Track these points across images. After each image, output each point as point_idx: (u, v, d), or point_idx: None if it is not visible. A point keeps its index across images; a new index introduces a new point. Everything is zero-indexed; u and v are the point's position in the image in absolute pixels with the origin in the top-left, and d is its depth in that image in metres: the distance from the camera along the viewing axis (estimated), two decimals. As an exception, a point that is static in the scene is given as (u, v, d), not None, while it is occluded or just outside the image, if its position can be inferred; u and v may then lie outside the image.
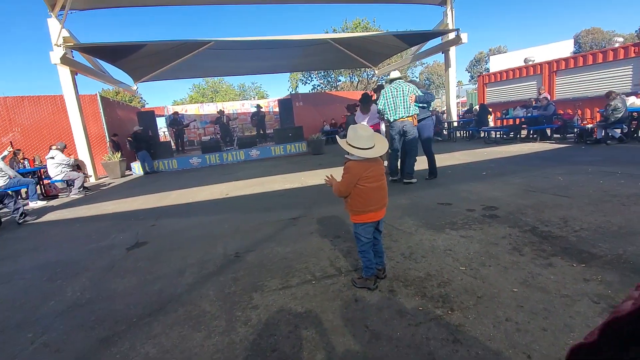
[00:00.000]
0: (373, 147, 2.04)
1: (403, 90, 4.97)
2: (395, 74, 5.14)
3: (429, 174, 5.40)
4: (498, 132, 10.28)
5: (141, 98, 34.67)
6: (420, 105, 5.12)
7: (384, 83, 5.28)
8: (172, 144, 14.06)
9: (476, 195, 4.07)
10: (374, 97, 6.24)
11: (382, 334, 1.78)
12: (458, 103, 19.41)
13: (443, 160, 7.16)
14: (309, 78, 28.93)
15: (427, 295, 2.07)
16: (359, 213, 2.11)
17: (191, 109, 18.02)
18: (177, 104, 32.68)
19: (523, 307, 1.89)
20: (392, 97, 5.05)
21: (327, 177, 2.24)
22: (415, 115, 5.02)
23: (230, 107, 18.49)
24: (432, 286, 2.16)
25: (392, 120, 5.05)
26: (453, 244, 2.72)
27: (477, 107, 12.14)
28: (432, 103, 5.24)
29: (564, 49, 15.95)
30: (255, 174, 8.00)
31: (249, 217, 4.15)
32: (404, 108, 4.98)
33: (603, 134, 7.42)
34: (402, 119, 5.02)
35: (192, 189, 6.72)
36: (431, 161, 5.38)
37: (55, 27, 8.65)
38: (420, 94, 5.01)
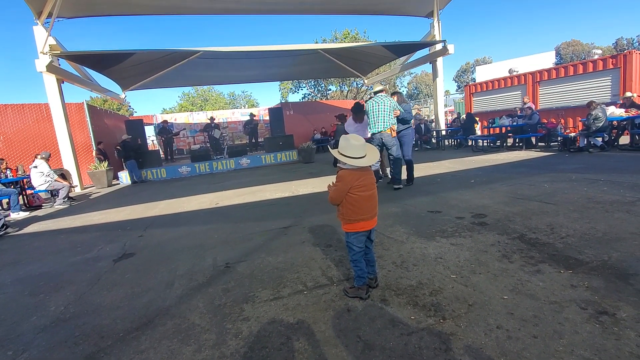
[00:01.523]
0: (364, 156, 2.06)
1: (385, 104, 5.19)
2: (377, 87, 5.33)
3: (407, 180, 5.64)
4: (485, 141, 10.50)
5: (129, 106, 34.29)
6: (401, 118, 5.44)
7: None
8: (161, 152, 13.89)
9: (465, 203, 4.13)
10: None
11: (375, 344, 1.77)
12: (446, 112, 19.79)
13: (432, 168, 7.25)
14: (299, 87, 29.18)
15: (419, 304, 2.07)
16: (351, 222, 2.12)
17: (180, 118, 17.90)
18: (167, 113, 32.41)
19: (513, 315, 1.91)
20: (372, 111, 5.26)
21: (328, 185, 2.25)
22: (394, 127, 5.25)
23: (221, 115, 18.45)
24: (424, 295, 2.16)
25: (370, 133, 5.28)
26: (444, 252, 2.75)
27: (464, 116, 12.40)
28: (412, 114, 5.61)
29: (546, 59, 16.54)
30: (246, 183, 7.95)
31: (239, 227, 4.11)
32: (383, 121, 5.20)
33: (585, 142, 7.66)
34: (380, 132, 5.25)
35: (181, 198, 6.64)
36: (410, 169, 5.64)
37: (41, 35, 8.53)
38: (402, 110, 5.31)
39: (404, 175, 5.70)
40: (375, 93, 5.34)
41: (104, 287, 2.77)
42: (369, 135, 5.46)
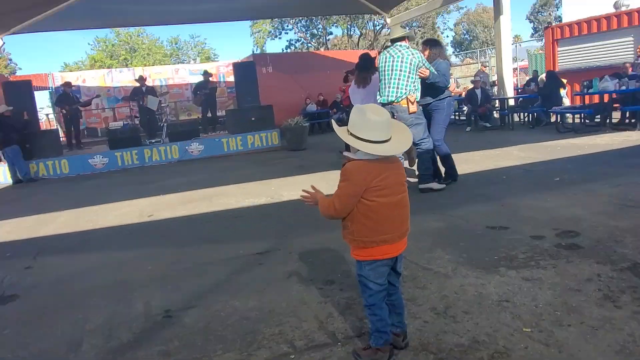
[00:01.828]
0: (389, 139, 2.05)
1: (402, 60, 5.13)
2: (397, 33, 5.35)
3: (444, 175, 5.77)
4: (577, 115, 10.58)
5: (10, 60, 34.14)
6: (440, 85, 5.42)
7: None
8: (61, 133, 13.82)
9: (545, 214, 4.14)
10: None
11: None
12: (516, 70, 19.91)
13: (493, 159, 7.29)
14: (283, 29, 29.19)
15: (473, 375, 2.08)
16: (366, 245, 2.11)
17: (93, 78, 17.88)
18: (70, 70, 32.36)
19: (622, 390, 1.91)
20: (382, 70, 5.29)
21: (306, 191, 2.25)
22: (412, 98, 5.19)
23: (157, 74, 18.46)
24: (481, 359, 2.17)
25: (379, 102, 5.33)
26: (512, 292, 2.76)
27: (543, 76, 12.47)
28: (449, 78, 5.66)
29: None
30: (197, 182, 7.93)
31: (187, 253, 4.10)
32: (396, 87, 5.16)
33: None
34: (391, 104, 5.23)
35: (93, 207, 6.64)
36: (444, 157, 5.74)
37: None
38: (433, 71, 5.26)
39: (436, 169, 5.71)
40: (393, 42, 5.35)
41: (-32, 350, 2.75)
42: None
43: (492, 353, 2.22)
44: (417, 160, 5.51)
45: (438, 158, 5.75)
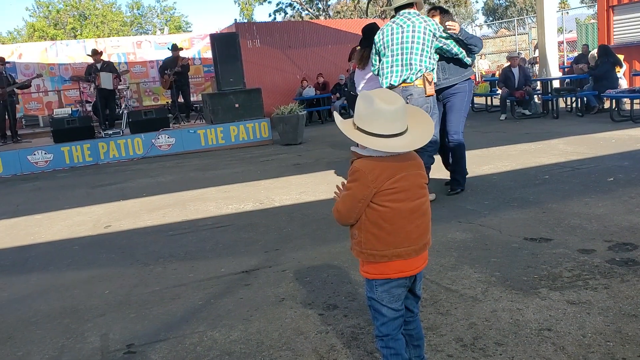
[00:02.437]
0: (405, 131, 2.06)
1: (413, 29, 5.06)
2: None
3: (451, 182, 5.70)
4: (636, 101, 10.60)
5: None
6: (458, 49, 5.29)
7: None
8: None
9: (596, 223, 4.17)
10: None
11: None
12: (561, 44, 19.93)
13: (532, 154, 7.32)
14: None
15: (507, 420, 2.11)
16: (377, 259, 2.12)
17: (32, 53, 17.79)
18: (3, 42, 32.24)
19: None
20: (389, 44, 5.16)
21: (339, 187, 2.22)
22: (430, 77, 5.14)
23: (113, 47, 18.40)
24: (517, 401, 2.20)
25: (385, 86, 5.21)
26: (555, 319, 2.79)
27: (595, 51, 12.49)
28: (478, 46, 5.48)
29: None
30: (168, 184, 7.96)
31: (153, 272, 4.11)
32: (408, 63, 5.09)
33: None
34: (404, 85, 5.13)
35: (35, 216, 6.65)
36: (459, 157, 5.63)
37: None
38: (443, 35, 5.16)
39: (441, 172, 5.73)
40: (397, 10, 5.24)
41: None
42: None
43: (531, 393, 2.25)
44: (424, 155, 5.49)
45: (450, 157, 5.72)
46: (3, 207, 7.47)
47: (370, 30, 5.90)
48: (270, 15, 28.61)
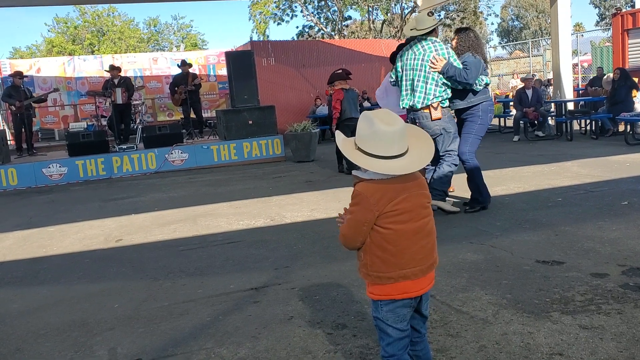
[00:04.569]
0: (406, 152, 2.07)
1: (422, 57, 5.21)
2: (424, 22, 5.29)
3: (470, 200, 5.78)
4: (653, 124, 10.55)
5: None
6: (451, 82, 5.32)
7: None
8: (9, 136, 13.93)
9: (610, 247, 4.14)
10: None
11: None
12: (576, 66, 19.92)
13: (545, 176, 7.29)
14: (290, 12, 29.42)
15: None
16: (383, 281, 2.12)
17: (50, 67, 18.03)
18: (22, 57, 32.74)
19: None
20: (405, 69, 5.38)
21: (341, 215, 2.22)
22: (438, 104, 5.27)
23: (130, 63, 18.61)
24: None
25: (400, 108, 5.48)
26: (567, 343, 2.76)
27: (612, 74, 12.46)
28: (479, 84, 5.45)
29: None
30: (180, 199, 8.00)
31: (163, 288, 4.13)
32: (420, 90, 5.24)
33: None
34: (414, 110, 5.38)
35: (48, 228, 6.70)
36: (471, 176, 5.68)
37: None
38: (454, 62, 5.21)
39: (461, 192, 5.82)
40: (412, 38, 5.40)
41: None
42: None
43: (541, 419, 2.22)
44: (434, 171, 5.59)
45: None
46: (17, 218, 7.54)
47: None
48: (293, 39, 28.82)
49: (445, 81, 5.28)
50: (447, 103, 5.42)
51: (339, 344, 2.96)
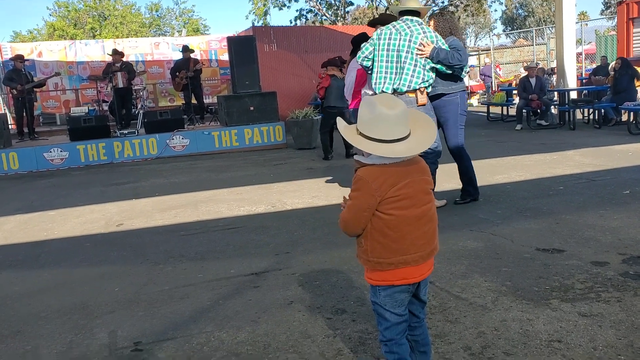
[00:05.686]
0: (408, 135, 2.06)
1: (410, 39, 4.96)
2: (408, 2, 5.11)
3: (461, 192, 5.64)
4: (656, 113, 10.50)
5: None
6: (441, 68, 5.13)
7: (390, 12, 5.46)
8: (11, 120, 13.91)
9: (611, 235, 4.14)
10: None
11: None
12: (580, 55, 19.80)
13: (547, 165, 7.27)
14: (290, -3, 29.22)
15: None
16: (383, 267, 2.12)
17: (51, 51, 17.98)
18: (23, 41, 32.62)
19: None
20: (393, 50, 5.03)
21: (345, 199, 2.22)
22: (423, 89, 5.09)
23: (132, 48, 18.53)
24: (524, 412, 2.18)
25: (377, 92, 5.10)
26: (565, 330, 2.76)
27: (614, 63, 12.41)
28: (465, 70, 5.35)
29: None
30: (181, 184, 8.00)
31: (163, 272, 4.14)
32: (404, 73, 5.00)
33: None
34: (395, 94, 5.00)
35: (49, 212, 6.72)
36: (464, 169, 5.56)
37: None
38: (443, 46, 5.03)
39: (452, 183, 5.74)
40: (401, 14, 5.16)
41: None
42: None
43: (538, 404, 2.23)
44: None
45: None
46: (18, 202, 7.55)
47: (361, 41, 5.82)
48: (291, 22, 28.70)
49: (434, 65, 5.05)
50: (430, 89, 5.21)
51: (338, 328, 2.97)
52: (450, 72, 5.18)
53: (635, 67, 11.82)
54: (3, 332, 3.30)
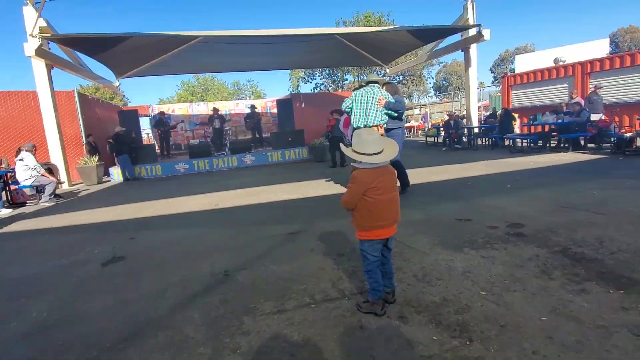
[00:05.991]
0: (381, 151, 2.07)
1: (373, 96, 4.98)
2: (372, 77, 5.20)
3: (401, 187, 5.42)
4: (524, 140, 10.31)
5: (124, 95, 35.22)
6: (390, 113, 5.13)
7: (362, 82, 5.40)
8: (157, 147, 14.15)
9: (500, 211, 4.08)
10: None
11: (390, 366, 1.76)
12: (480, 107, 19.52)
13: (463, 170, 7.17)
14: (312, 76, 29.27)
15: (442, 323, 2.05)
16: (366, 229, 2.12)
17: (179, 109, 18.22)
18: (163, 103, 33.11)
19: (553, 339, 1.87)
20: (361, 102, 5.03)
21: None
22: (382, 125, 5.05)
23: (223, 107, 18.67)
24: (449, 313, 2.14)
25: (354, 126, 5.07)
26: (473, 266, 2.71)
27: (500, 111, 12.21)
28: (404, 108, 5.31)
29: (599, 48, 16.10)
30: (249, 182, 8.03)
31: (241, 232, 4.16)
32: (373, 116, 4.99)
33: (644, 144, 7.44)
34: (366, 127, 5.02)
35: (177, 198, 6.76)
36: (401, 173, 5.40)
37: (31, 16, 8.85)
38: (392, 100, 5.04)
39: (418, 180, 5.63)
40: (368, 83, 5.17)
41: (90, 293, 2.85)
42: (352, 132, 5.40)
43: (457, 309, 2.19)
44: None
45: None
46: (161, 192, 7.62)
47: (339, 110, 5.83)
48: (312, 90, 28.86)
49: (387, 111, 5.05)
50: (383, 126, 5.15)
51: (340, 264, 2.96)
52: (396, 115, 5.20)
53: (513, 114, 11.61)
54: (152, 264, 3.34)
